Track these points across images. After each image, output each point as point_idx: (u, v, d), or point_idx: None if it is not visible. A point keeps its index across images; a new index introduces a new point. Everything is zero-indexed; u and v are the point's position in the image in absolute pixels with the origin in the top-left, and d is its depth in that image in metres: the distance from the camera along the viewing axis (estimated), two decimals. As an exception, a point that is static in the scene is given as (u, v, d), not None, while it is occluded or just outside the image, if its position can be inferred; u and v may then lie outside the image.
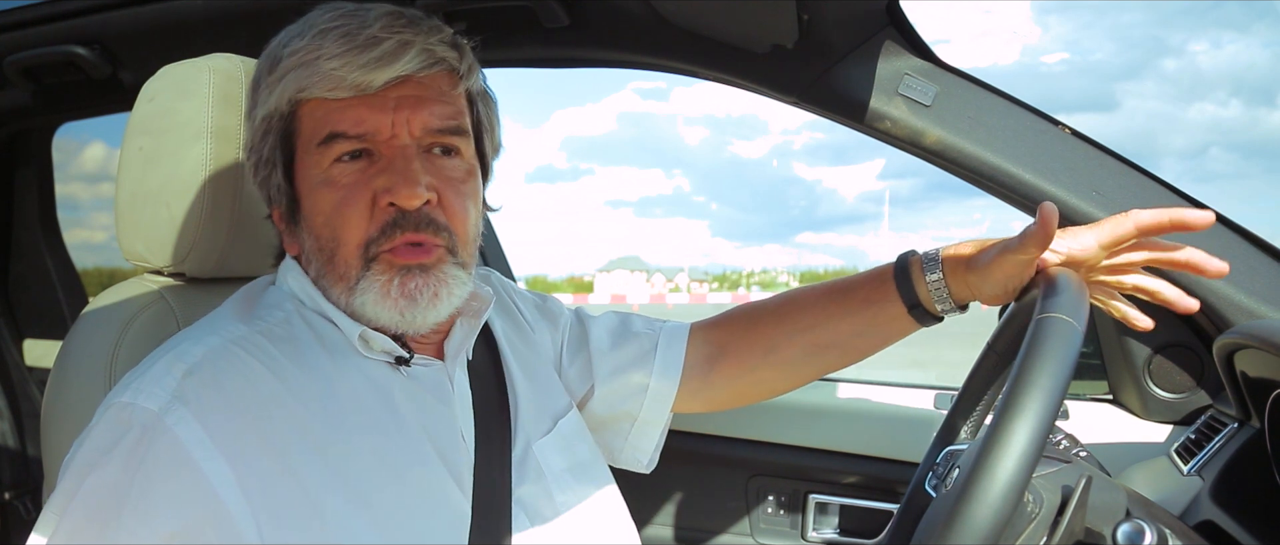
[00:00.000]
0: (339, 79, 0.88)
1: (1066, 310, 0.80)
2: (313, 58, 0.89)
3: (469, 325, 1.04)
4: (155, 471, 0.80)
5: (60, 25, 1.65)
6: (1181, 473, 1.34)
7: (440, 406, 0.99)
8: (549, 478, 1.05)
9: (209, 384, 0.84)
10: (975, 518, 0.69)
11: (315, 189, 0.92)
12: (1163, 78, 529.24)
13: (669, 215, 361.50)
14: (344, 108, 0.90)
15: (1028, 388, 0.73)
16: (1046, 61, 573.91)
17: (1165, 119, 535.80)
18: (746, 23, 1.38)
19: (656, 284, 64.07)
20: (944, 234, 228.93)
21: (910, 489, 1.30)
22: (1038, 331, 0.78)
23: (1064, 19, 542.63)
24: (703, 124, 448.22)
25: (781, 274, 77.26)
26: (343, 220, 0.90)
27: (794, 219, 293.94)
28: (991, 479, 0.69)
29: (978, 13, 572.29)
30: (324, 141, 0.90)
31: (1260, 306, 1.32)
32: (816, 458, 1.81)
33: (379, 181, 0.90)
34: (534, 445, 1.06)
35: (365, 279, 0.91)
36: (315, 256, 0.94)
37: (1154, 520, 0.84)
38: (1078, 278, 0.90)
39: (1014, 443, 0.70)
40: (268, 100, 0.92)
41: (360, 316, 0.93)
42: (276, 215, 1.00)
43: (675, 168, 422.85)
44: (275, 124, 0.93)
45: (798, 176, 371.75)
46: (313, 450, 0.86)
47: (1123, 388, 1.60)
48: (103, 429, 0.83)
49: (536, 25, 1.49)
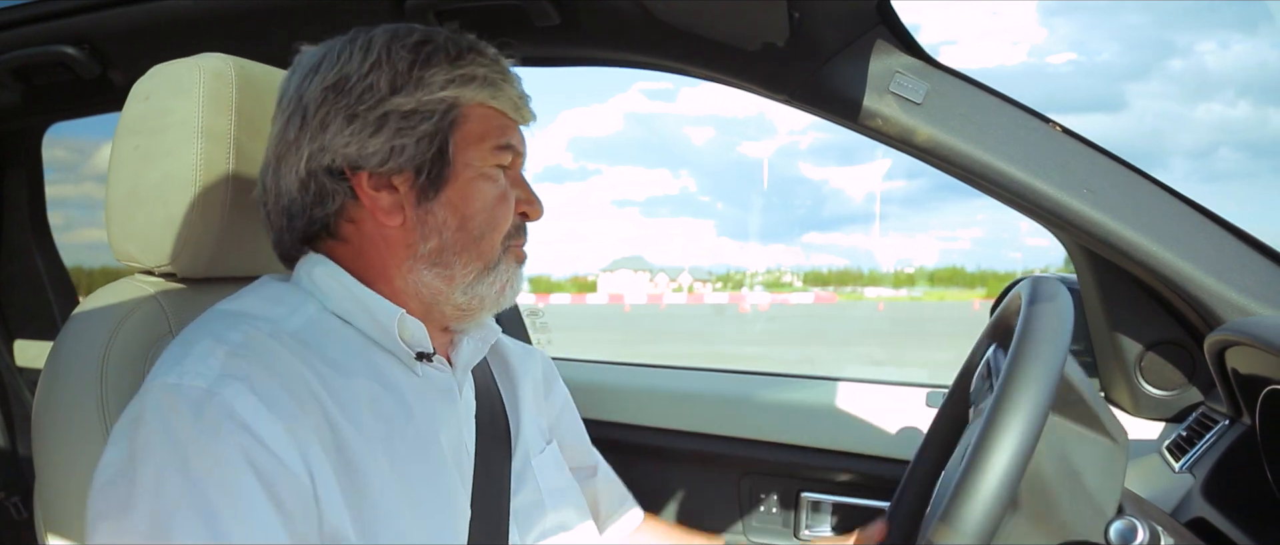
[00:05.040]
0: (515, 106, 1.07)
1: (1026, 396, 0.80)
2: (500, 78, 1.06)
3: (479, 340, 1.12)
4: (217, 440, 0.82)
5: (49, 25, 1.64)
6: (1173, 470, 1.34)
7: (447, 410, 1.05)
8: (544, 492, 1.13)
9: (254, 362, 0.89)
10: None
11: (478, 179, 1.04)
12: (1170, 78, 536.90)
13: (675, 215, 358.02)
14: (514, 127, 1.09)
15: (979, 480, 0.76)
16: (1053, 62, 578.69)
17: (1173, 119, 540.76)
18: (737, 21, 1.38)
19: (659, 284, 64.20)
20: (949, 234, 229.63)
21: (903, 482, 1.31)
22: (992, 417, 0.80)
23: (1070, 20, 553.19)
24: (709, 124, 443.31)
25: (786, 274, 77.36)
26: (501, 213, 1.06)
27: (800, 219, 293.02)
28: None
29: (984, 13, 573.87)
30: (500, 147, 1.05)
31: (1251, 303, 1.32)
32: (809, 456, 1.82)
33: (517, 192, 1.08)
34: (533, 460, 1.15)
35: (502, 263, 1.07)
36: (453, 234, 1.03)
37: (1146, 517, 0.84)
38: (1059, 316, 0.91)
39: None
40: (448, 85, 1.02)
41: (473, 296, 1.06)
42: (370, 180, 1.01)
43: (682, 168, 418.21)
44: (447, 108, 1.02)
45: (804, 176, 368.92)
46: (345, 435, 0.91)
47: (1114, 385, 1.60)
48: (155, 410, 0.84)
49: (527, 24, 1.49)
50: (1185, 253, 1.34)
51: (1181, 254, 1.34)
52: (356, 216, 1.03)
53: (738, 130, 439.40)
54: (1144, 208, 1.37)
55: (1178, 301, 1.42)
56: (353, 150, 0.99)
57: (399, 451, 0.95)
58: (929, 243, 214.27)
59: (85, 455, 0.99)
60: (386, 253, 1.03)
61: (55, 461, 1.02)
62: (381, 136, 0.99)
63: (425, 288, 1.03)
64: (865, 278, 72.64)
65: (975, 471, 0.77)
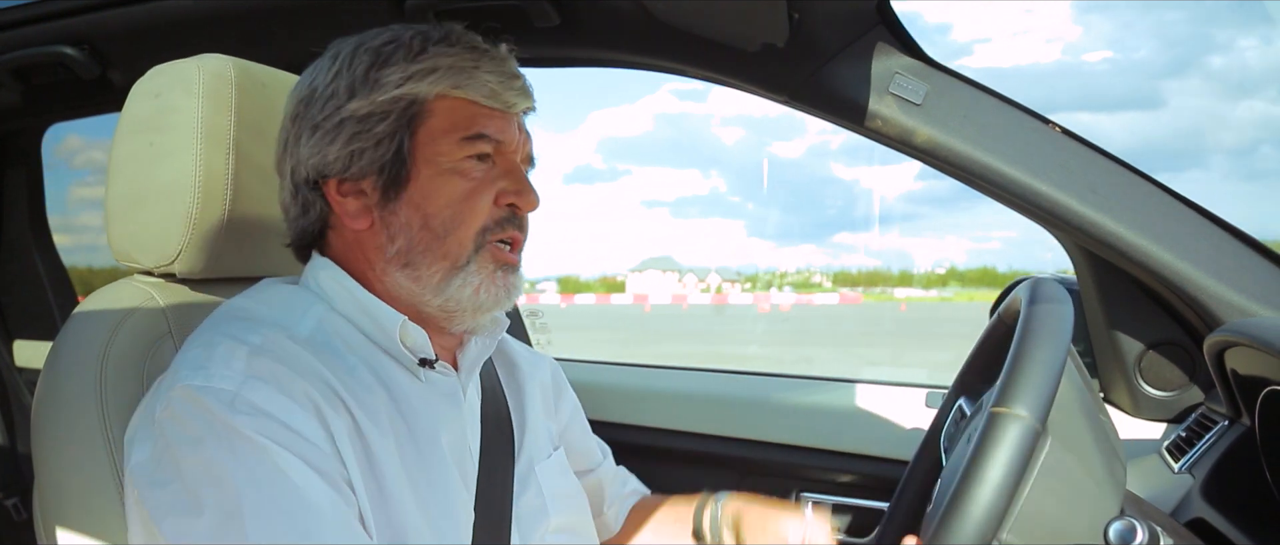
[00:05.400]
0: (494, 92, 1.03)
1: (1023, 405, 0.81)
2: (469, 66, 1.02)
3: (485, 342, 1.11)
4: (258, 434, 0.84)
5: (49, 25, 1.64)
6: (1172, 471, 1.34)
7: (451, 413, 1.05)
8: (547, 496, 1.13)
9: (276, 362, 0.90)
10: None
11: (441, 175, 1.01)
12: (1210, 75, 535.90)
13: (705, 216, 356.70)
14: (490, 116, 1.03)
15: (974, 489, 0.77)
16: (1088, 59, 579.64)
17: (1213, 116, 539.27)
18: (737, 22, 1.38)
19: (687, 284, 64.09)
20: (982, 234, 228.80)
21: (903, 482, 1.31)
22: (988, 431, 0.80)
23: (1106, 17, 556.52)
24: (739, 124, 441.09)
25: (815, 274, 77.07)
26: (470, 208, 1.01)
27: (831, 219, 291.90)
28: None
29: (1018, 11, 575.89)
30: (468, 138, 1.01)
31: (1251, 304, 1.32)
32: (809, 456, 1.82)
33: (501, 183, 1.03)
34: (537, 465, 1.15)
35: (474, 262, 1.02)
36: (417, 233, 1.01)
37: (1145, 518, 0.84)
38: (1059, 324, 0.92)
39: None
40: (404, 83, 1.00)
41: (448, 298, 1.02)
42: (338, 187, 1.03)
43: (712, 168, 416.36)
44: (405, 105, 1.00)
45: (836, 176, 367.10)
46: (368, 434, 0.93)
47: (1114, 386, 1.60)
48: (188, 410, 0.86)
49: (527, 25, 1.49)
50: (1185, 254, 1.34)
51: (1181, 255, 1.34)
52: (335, 223, 1.05)
53: (768, 130, 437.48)
54: (1143, 208, 1.36)
55: (1177, 302, 1.42)
56: (317, 160, 1.01)
57: (407, 454, 0.96)
58: (961, 243, 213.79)
59: (85, 455, 0.99)
60: (363, 257, 1.04)
61: (54, 461, 1.02)
62: (339, 143, 1.00)
63: (402, 290, 1.02)
64: (896, 278, 72.36)
65: (974, 474, 0.77)
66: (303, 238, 1.08)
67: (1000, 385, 0.83)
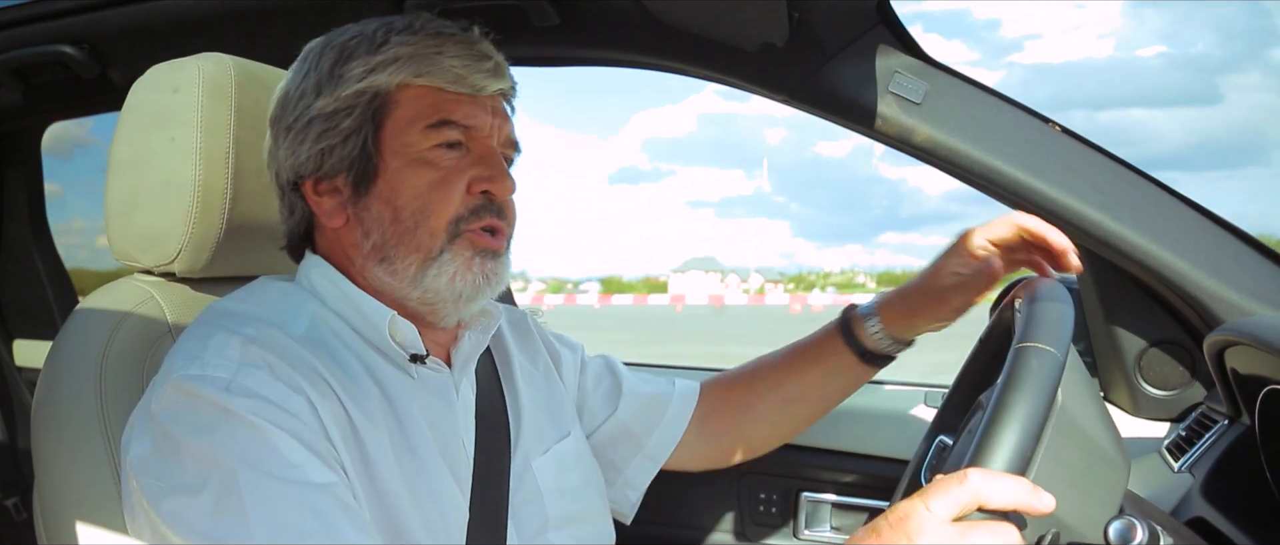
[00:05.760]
0: (459, 76, 1.00)
1: (1046, 339, 0.82)
2: (432, 52, 0.99)
3: (478, 337, 1.10)
4: (254, 416, 0.84)
5: (48, 25, 1.64)
6: (1172, 470, 1.34)
7: (444, 410, 1.04)
8: (544, 494, 1.11)
9: (271, 352, 0.90)
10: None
11: (409, 166, 0.99)
12: (1270, 68, 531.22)
13: (750, 215, 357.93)
14: (457, 101, 1.01)
15: (1005, 421, 0.76)
16: (1142, 54, 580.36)
17: (1274, 111, 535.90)
18: (737, 21, 1.38)
19: (729, 284, 63.71)
20: None
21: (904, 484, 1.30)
22: (1016, 361, 0.81)
23: (1160, 11, 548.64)
24: (784, 125, 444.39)
25: (859, 275, 76.57)
26: (440, 198, 0.99)
27: (876, 219, 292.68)
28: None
29: (1069, 7, 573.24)
30: (433, 126, 0.99)
31: (1251, 303, 1.32)
32: (808, 456, 1.81)
33: (474, 171, 1.01)
34: (533, 462, 1.12)
35: (449, 251, 1.00)
36: (388, 227, 1.00)
37: (1145, 517, 0.84)
38: (1062, 294, 0.93)
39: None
40: (366, 76, 0.99)
41: (426, 290, 1.01)
42: (315, 187, 1.03)
43: (756, 168, 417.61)
44: (369, 99, 0.99)
45: (881, 176, 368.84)
46: (361, 427, 0.93)
47: (1113, 385, 1.60)
48: (183, 399, 0.86)
49: (528, 24, 1.49)
50: (1185, 253, 1.34)
51: (1181, 254, 1.34)
52: (318, 223, 1.06)
53: (814, 130, 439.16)
54: (1143, 208, 1.37)
55: (1177, 301, 1.41)
56: (293, 161, 1.02)
57: (400, 451, 0.96)
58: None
59: (84, 454, 1.00)
60: (344, 255, 1.04)
61: (54, 461, 1.01)
62: (308, 143, 1.01)
63: (383, 285, 1.02)
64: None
65: (1003, 407, 0.78)
66: (291, 240, 1.09)
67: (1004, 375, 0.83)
